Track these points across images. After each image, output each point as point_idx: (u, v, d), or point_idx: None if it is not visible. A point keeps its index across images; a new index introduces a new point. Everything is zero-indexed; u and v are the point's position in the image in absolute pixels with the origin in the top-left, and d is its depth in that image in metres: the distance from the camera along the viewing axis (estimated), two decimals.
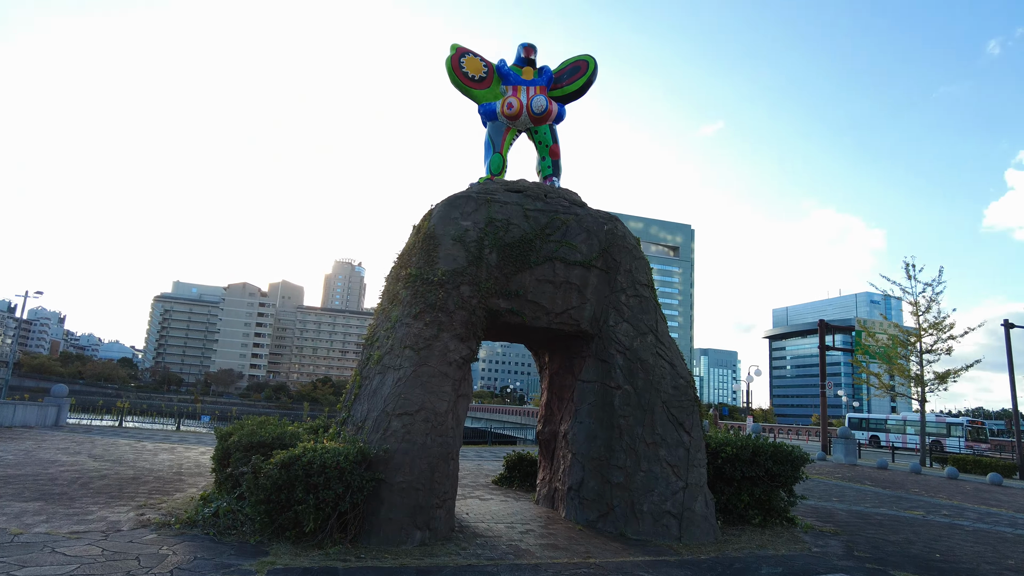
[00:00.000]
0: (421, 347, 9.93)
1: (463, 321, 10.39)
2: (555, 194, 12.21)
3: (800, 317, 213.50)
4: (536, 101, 12.80)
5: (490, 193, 11.73)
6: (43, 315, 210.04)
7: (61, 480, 12.27)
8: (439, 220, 11.27)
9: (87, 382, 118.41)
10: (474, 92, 13.24)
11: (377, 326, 11.38)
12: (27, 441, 18.22)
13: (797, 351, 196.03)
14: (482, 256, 10.84)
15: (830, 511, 14.44)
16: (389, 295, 11.48)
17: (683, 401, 10.86)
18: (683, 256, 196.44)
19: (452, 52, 13.30)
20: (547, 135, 13.29)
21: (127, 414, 31.08)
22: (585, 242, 11.36)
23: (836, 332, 45.39)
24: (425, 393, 9.57)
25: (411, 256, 11.34)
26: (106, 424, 28.32)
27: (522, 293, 10.94)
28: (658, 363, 10.90)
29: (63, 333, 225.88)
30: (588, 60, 13.50)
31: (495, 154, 13.06)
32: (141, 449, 18.59)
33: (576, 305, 11.14)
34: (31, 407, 24.10)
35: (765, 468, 11.74)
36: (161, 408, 43.13)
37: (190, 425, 35.21)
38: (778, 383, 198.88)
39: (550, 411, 12.76)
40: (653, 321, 11.28)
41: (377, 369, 10.30)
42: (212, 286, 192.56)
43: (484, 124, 13.36)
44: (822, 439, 35.66)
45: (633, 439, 10.45)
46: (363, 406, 10.14)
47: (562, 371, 12.45)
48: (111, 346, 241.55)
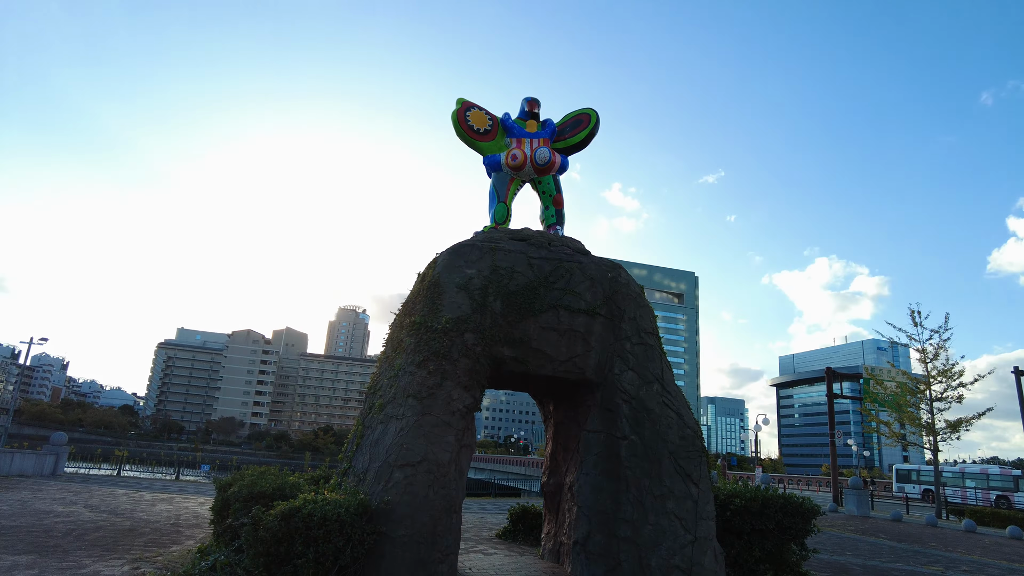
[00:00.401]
0: (424, 396, 9.85)
1: (467, 369, 10.34)
2: (559, 242, 12.31)
3: (807, 365, 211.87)
4: (540, 153, 13.05)
5: (494, 241, 11.83)
6: (46, 361, 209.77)
7: (56, 532, 12.03)
8: (444, 268, 11.34)
9: (87, 430, 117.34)
10: (479, 144, 13.53)
11: (380, 374, 11.32)
12: (23, 491, 17.94)
13: (805, 399, 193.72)
14: (486, 304, 10.86)
15: (844, 566, 14.00)
16: (393, 343, 11.47)
17: (690, 452, 10.68)
18: (687, 303, 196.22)
19: (458, 106, 13.64)
20: (551, 185, 13.51)
21: (126, 463, 30.70)
22: (589, 290, 11.39)
23: (844, 380, 44.89)
24: (428, 443, 9.44)
25: (415, 304, 11.37)
26: (104, 473, 27.93)
27: (526, 341, 10.90)
28: (665, 413, 10.76)
29: (65, 380, 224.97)
30: (590, 113, 13.83)
31: (499, 203, 13.25)
32: (139, 499, 18.28)
33: (581, 353, 11.08)
34: (29, 455, 23.82)
35: (775, 521, 11.45)
36: (161, 457, 42.63)
37: (190, 474, 34.71)
38: (786, 432, 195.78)
39: (555, 462, 12.55)
40: (659, 369, 11.20)
41: (379, 418, 10.20)
42: (216, 333, 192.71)
43: (489, 175, 13.60)
44: (833, 490, 34.87)
45: (640, 491, 10.22)
46: (365, 456, 10.00)
47: (567, 421, 12.30)
48: (112, 393, 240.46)
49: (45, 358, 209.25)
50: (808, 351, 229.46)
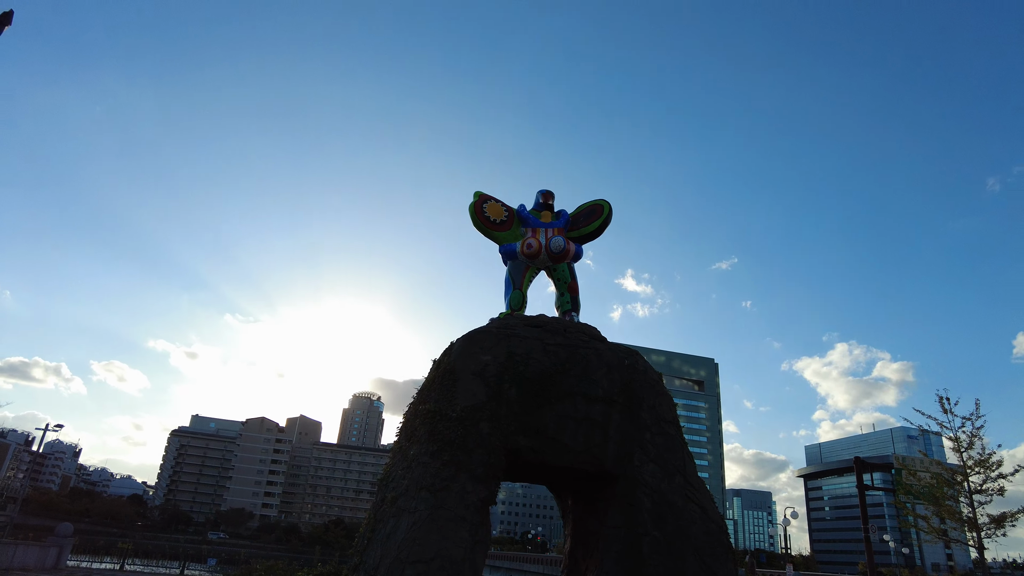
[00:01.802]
0: (438, 488, 9.60)
1: (482, 460, 10.11)
2: (575, 329, 12.32)
3: (834, 454, 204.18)
4: (555, 242, 13.32)
5: (510, 328, 11.87)
6: (58, 448, 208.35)
7: None
8: (459, 355, 11.33)
9: (93, 520, 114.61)
10: (495, 234, 13.85)
11: (393, 465, 11.10)
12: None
13: (835, 491, 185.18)
14: (502, 391, 10.76)
15: None
16: (407, 432, 11.31)
17: (716, 549, 10.18)
18: (708, 390, 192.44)
19: (475, 199, 14.08)
20: (565, 272, 13.70)
21: (130, 556, 29.79)
22: (606, 377, 11.27)
23: (874, 470, 43.02)
24: (441, 539, 9.11)
25: (430, 391, 11.29)
26: (107, 567, 27.07)
27: (543, 430, 10.70)
28: (688, 507, 10.36)
29: (76, 467, 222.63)
30: (603, 204, 14.20)
31: (515, 290, 13.42)
32: None
33: (599, 443, 10.83)
34: (32, 548, 23.23)
35: None
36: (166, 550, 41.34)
37: (195, 569, 33.50)
38: (817, 526, 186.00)
39: (574, 560, 11.98)
40: (680, 461, 10.87)
41: (392, 511, 9.91)
42: (230, 420, 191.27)
43: (505, 263, 13.85)
44: None
45: None
46: (376, 552, 9.64)
47: (586, 515, 11.85)
48: (122, 482, 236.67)
49: (58, 444, 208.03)
50: (835, 440, 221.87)
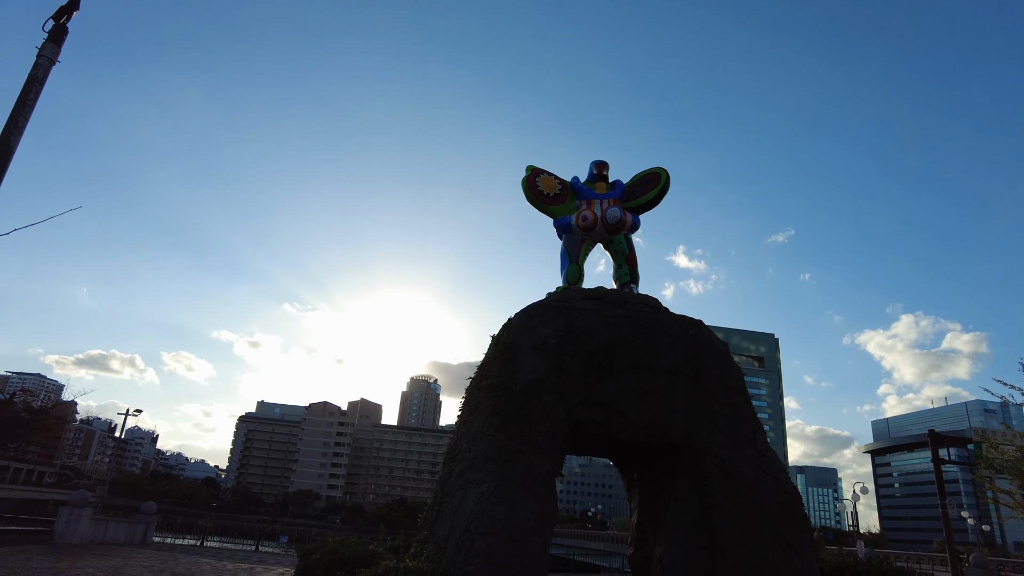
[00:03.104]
0: (504, 460, 9.61)
1: (546, 433, 10.06)
2: (635, 300, 12.08)
3: (903, 429, 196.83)
4: (610, 213, 13.04)
5: (568, 301, 11.73)
6: (138, 435, 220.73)
7: None
8: (519, 329, 11.28)
9: (172, 501, 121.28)
10: (550, 208, 13.66)
11: (458, 439, 11.18)
12: (116, 558, 18.47)
13: (904, 467, 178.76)
14: (563, 364, 10.66)
15: None
16: (470, 406, 11.36)
17: (790, 519, 9.88)
18: (769, 367, 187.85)
19: (528, 173, 13.90)
20: (623, 244, 13.42)
21: (208, 533, 31.35)
22: (670, 348, 11.02)
23: (950, 445, 41.14)
24: (509, 511, 9.13)
25: (491, 367, 11.29)
26: (188, 543, 28.56)
27: (606, 403, 10.56)
28: (760, 477, 10.06)
29: (154, 452, 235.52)
30: (660, 172, 13.79)
31: (571, 264, 13.24)
32: (221, 569, 18.44)
33: (665, 415, 10.61)
34: (122, 524, 24.67)
35: None
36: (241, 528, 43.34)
37: (268, 546, 34.95)
38: (886, 503, 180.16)
39: (642, 533, 11.86)
40: (750, 431, 10.56)
41: (459, 484, 9.99)
42: (294, 405, 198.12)
43: (560, 237, 13.67)
44: (952, 568, 31.38)
45: (737, 562, 9.46)
46: (445, 523, 9.75)
47: (653, 488, 11.68)
48: (196, 466, 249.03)
49: (137, 431, 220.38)
50: (904, 414, 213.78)
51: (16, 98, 6.14)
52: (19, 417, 27.79)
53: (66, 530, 21.30)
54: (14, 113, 6.09)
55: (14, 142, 6.08)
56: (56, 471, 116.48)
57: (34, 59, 6.60)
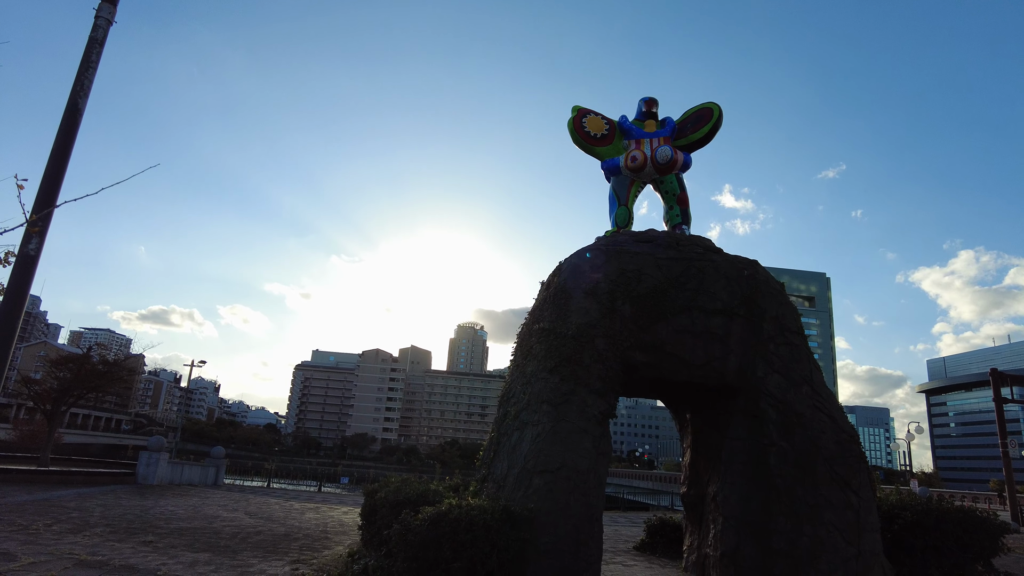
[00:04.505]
0: (559, 402, 9.78)
1: (599, 375, 10.16)
2: (687, 242, 11.87)
3: (961, 368, 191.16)
4: (661, 152, 12.67)
5: (619, 245, 11.61)
6: (201, 385, 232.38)
7: (224, 534, 13.10)
8: (569, 274, 11.27)
9: (237, 446, 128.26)
10: (597, 150, 13.34)
11: (512, 382, 11.39)
12: (193, 498, 19.79)
13: (961, 406, 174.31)
14: (615, 308, 10.64)
15: None
16: (523, 350, 11.50)
17: (848, 458, 9.82)
18: (820, 306, 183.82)
19: (574, 114, 13.55)
20: (674, 184, 13.08)
21: (274, 476, 33.20)
22: (725, 289, 10.85)
23: (1013, 383, 39.79)
24: (565, 450, 9.34)
25: (543, 311, 11.36)
26: (256, 485, 30.30)
27: (659, 345, 10.55)
28: (816, 416, 9.99)
29: (217, 401, 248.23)
30: (712, 107, 13.24)
31: (620, 207, 13.01)
32: (289, 508, 19.57)
33: (719, 356, 10.56)
34: (195, 467, 26.31)
35: (954, 536, 10.26)
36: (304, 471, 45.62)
37: (330, 487, 36.81)
38: (941, 443, 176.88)
39: (695, 472, 12.01)
40: (807, 371, 10.43)
41: (515, 425, 10.24)
42: (348, 353, 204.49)
43: (608, 179, 13.40)
44: (1011, 507, 30.92)
45: (793, 501, 9.52)
46: (503, 463, 10.06)
47: (707, 428, 11.75)
48: (257, 413, 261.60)
49: (200, 381, 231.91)
50: (961, 353, 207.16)
51: (79, 61, 6.29)
52: (96, 369, 29.51)
53: (147, 472, 22.85)
54: (79, 76, 6.24)
55: (81, 104, 6.26)
56: (131, 419, 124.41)
57: (92, 21, 6.70)
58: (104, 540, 11.28)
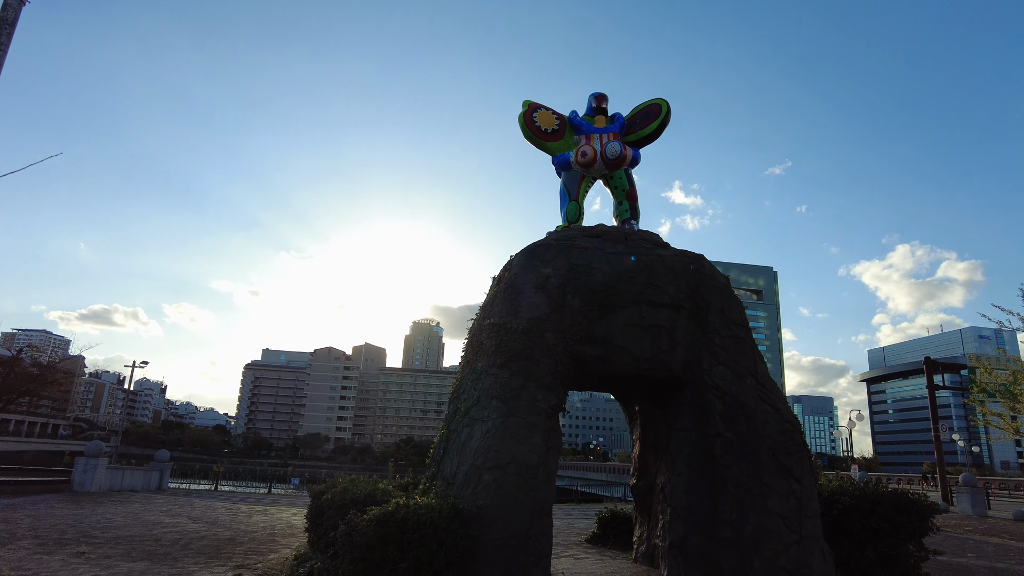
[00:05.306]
0: (508, 397, 9.73)
1: (549, 369, 10.15)
2: (636, 236, 11.98)
3: (899, 357, 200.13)
4: (610, 147, 12.74)
5: (569, 239, 11.63)
6: (147, 386, 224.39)
7: (164, 541, 12.61)
8: (520, 269, 11.22)
9: (185, 448, 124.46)
10: (548, 144, 13.33)
11: (463, 378, 11.28)
12: (134, 504, 19.02)
13: (899, 394, 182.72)
14: (565, 302, 10.66)
15: (968, 568, 12.90)
16: (473, 346, 11.41)
17: (791, 447, 10.07)
18: (767, 299, 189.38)
19: (524, 108, 13.50)
20: (623, 179, 13.18)
21: (222, 478, 32.24)
22: (672, 283, 10.99)
23: (945, 371, 41.85)
24: (515, 445, 9.30)
25: (493, 306, 11.29)
26: (203, 488, 29.38)
27: (608, 339, 10.61)
28: (760, 407, 10.21)
29: (164, 402, 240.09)
30: (661, 103, 13.39)
31: (571, 202, 13.04)
32: (236, 511, 19.02)
33: (666, 349, 10.69)
34: (137, 472, 25.30)
35: (888, 519, 10.64)
36: (254, 472, 44.52)
37: (280, 488, 36.03)
38: (880, 428, 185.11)
39: (644, 463, 12.16)
40: (751, 363, 10.65)
41: (465, 421, 10.15)
42: (299, 351, 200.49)
43: (559, 174, 13.41)
44: (941, 488, 32.50)
45: (739, 490, 9.71)
46: (452, 460, 9.96)
47: (655, 420, 11.90)
48: (206, 414, 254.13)
49: (146, 383, 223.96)
50: (899, 343, 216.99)
51: None
52: (28, 372, 28.05)
53: (84, 479, 21.85)
54: None
55: None
56: (70, 424, 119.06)
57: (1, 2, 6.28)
58: (31, 553, 10.70)
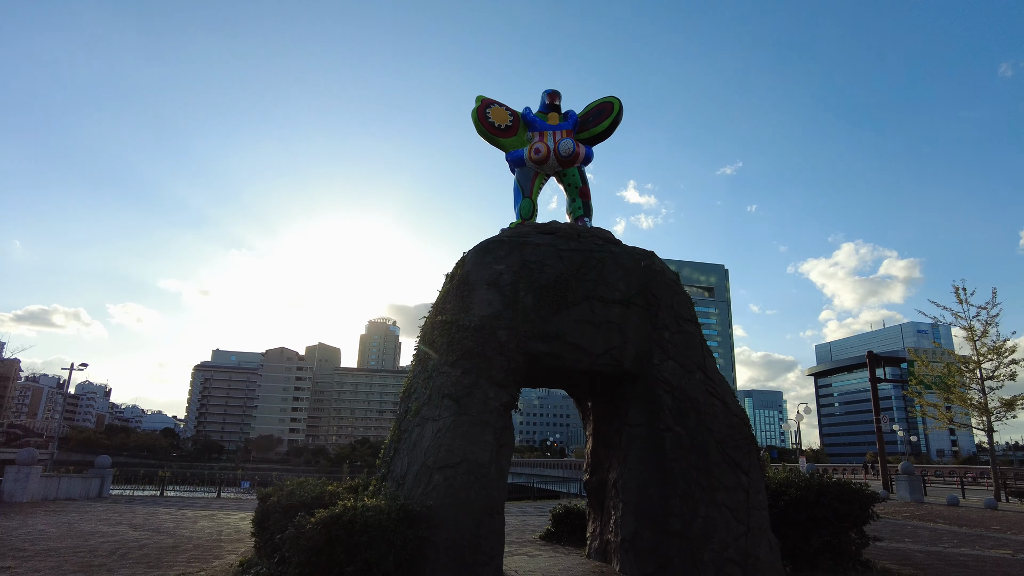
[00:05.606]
0: (460, 395, 9.62)
1: (502, 367, 10.07)
2: (588, 234, 12.00)
3: (844, 352, 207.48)
4: (563, 144, 12.74)
5: (522, 236, 11.57)
6: (90, 389, 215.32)
7: (100, 551, 12.05)
8: (472, 265, 11.12)
9: (131, 453, 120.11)
10: (501, 141, 13.25)
11: (414, 377, 11.12)
12: (70, 513, 18.17)
13: (844, 387, 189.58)
14: (518, 299, 10.60)
15: (905, 552, 13.39)
16: (425, 344, 11.26)
17: (738, 440, 10.25)
18: (718, 296, 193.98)
19: (477, 104, 13.39)
20: (576, 177, 13.19)
21: (169, 483, 31.12)
22: (623, 279, 11.05)
23: (886, 364, 43.56)
24: (466, 444, 9.19)
25: (445, 303, 11.16)
26: (148, 494, 28.30)
27: (561, 335, 10.60)
28: (709, 401, 10.36)
29: (108, 406, 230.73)
30: (613, 102, 13.45)
31: (525, 199, 12.98)
32: (181, 517, 18.38)
33: (618, 345, 10.74)
34: (75, 480, 24.22)
35: (832, 508, 10.95)
36: (203, 476, 43.21)
37: (231, 492, 35.03)
38: (827, 421, 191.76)
39: (597, 459, 12.20)
40: (700, 357, 10.79)
41: (416, 421, 9.99)
42: (251, 352, 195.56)
43: (512, 171, 13.34)
44: (882, 476, 33.80)
45: (688, 484, 9.82)
46: (403, 460, 9.79)
47: (607, 416, 11.96)
48: (154, 417, 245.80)
49: (89, 386, 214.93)
50: (845, 338, 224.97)
51: None
52: None
53: (15, 489, 20.77)
54: None
55: None
56: (3, 431, 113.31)
57: None
58: None
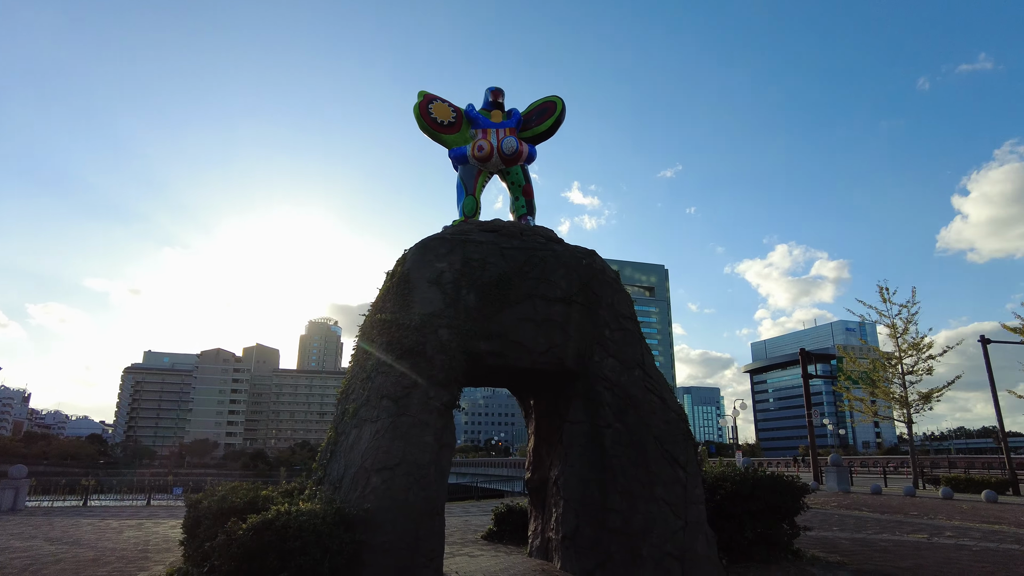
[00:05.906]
0: (399, 396, 9.44)
1: (443, 366, 9.95)
2: (531, 232, 12.01)
3: (779, 349, 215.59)
4: (507, 143, 12.71)
5: (465, 234, 11.48)
6: (6, 395, 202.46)
7: (10, 568, 11.26)
8: (413, 263, 10.95)
9: (52, 462, 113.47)
10: (443, 137, 13.11)
11: (352, 377, 10.87)
12: None
13: (779, 383, 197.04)
14: (459, 297, 10.50)
15: (833, 540, 13.96)
16: (364, 343, 11.02)
17: (676, 436, 10.45)
18: (659, 296, 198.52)
19: (420, 99, 13.19)
20: (519, 175, 13.17)
21: (93, 492, 29.49)
22: (564, 278, 11.10)
23: (817, 361, 45.51)
24: (406, 445, 9.04)
25: (385, 302, 10.95)
26: (69, 504, 26.72)
27: (503, 333, 10.56)
28: (647, 398, 10.52)
29: (27, 412, 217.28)
30: (556, 101, 13.51)
31: (467, 196, 12.88)
32: (105, 528, 17.42)
33: (559, 343, 10.78)
34: None
35: (766, 501, 11.31)
36: (132, 483, 41.16)
37: (162, 499, 33.50)
38: (762, 416, 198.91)
39: (539, 457, 12.23)
40: (639, 355, 10.95)
41: (353, 423, 9.76)
42: (185, 354, 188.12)
43: (455, 168, 13.22)
44: (813, 468, 35.23)
45: (627, 480, 9.95)
46: (339, 463, 9.55)
47: (549, 413, 12.00)
48: (79, 423, 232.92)
49: (5, 392, 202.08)
50: (778, 336, 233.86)
51: None
52: None
53: None
54: None
55: None
56: None
57: None
58: None
